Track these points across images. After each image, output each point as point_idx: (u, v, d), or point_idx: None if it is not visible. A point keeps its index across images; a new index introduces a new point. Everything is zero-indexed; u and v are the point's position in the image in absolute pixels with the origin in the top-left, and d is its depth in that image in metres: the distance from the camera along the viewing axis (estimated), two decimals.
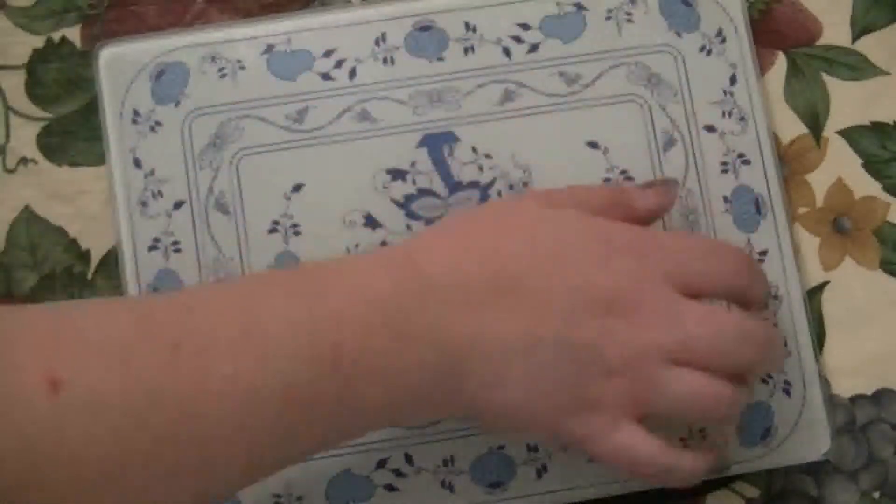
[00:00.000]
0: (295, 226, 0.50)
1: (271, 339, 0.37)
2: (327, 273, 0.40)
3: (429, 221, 0.51)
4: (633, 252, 0.41)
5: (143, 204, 0.50)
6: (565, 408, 0.40)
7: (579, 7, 0.53)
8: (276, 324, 0.37)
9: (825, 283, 0.54)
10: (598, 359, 0.40)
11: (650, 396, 0.40)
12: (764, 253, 0.51)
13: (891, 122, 0.55)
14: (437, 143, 0.51)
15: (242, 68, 0.51)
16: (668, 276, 0.41)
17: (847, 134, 0.55)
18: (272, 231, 0.50)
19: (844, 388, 0.53)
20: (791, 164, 0.54)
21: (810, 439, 0.50)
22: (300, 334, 0.37)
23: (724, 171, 0.52)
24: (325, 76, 0.52)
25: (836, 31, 0.55)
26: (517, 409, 0.40)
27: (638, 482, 0.49)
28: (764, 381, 0.51)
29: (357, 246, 0.50)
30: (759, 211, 0.52)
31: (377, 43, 0.52)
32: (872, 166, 0.54)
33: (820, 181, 0.54)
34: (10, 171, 0.52)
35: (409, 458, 0.49)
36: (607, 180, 0.51)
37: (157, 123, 0.51)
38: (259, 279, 0.44)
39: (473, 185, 0.51)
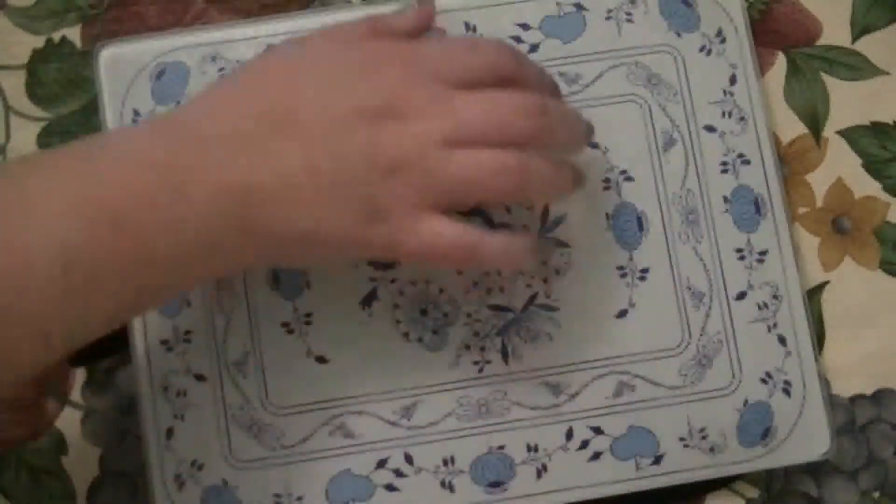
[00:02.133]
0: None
1: (41, 204, 0.37)
2: (101, 141, 0.42)
3: None
4: (398, 60, 0.43)
5: None
6: (361, 218, 0.41)
7: (579, 7, 0.53)
8: (46, 194, 0.38)
9: (825, 283, 0.54)
10: (377, 162, 0.41)
11: (437, 183, 0.41)
12: (764, 253, 0.51)
13: (891, 122, 0.55)
14: None
15: None
16: (435, 75, 0.42)
17: (847, 134, 0.55)
18: None
19: (844, 388, 0.53)
20: (791, 164, 0.54)
21: (810, 439, 0.50)
22: (69, 196, 0.38)
23: (724, 171, 0.52)
24: None
25: (835, 31, 0.55)
26: (316, 235, 0.41)
27: (638, 482, 0.50)
28: (763, 381, 0.51)
29: None
30: (759, 211, 0.52)
31: None
32: (872, 166, 0.54)
33: (820, 181, 0.54)
34: None
35: (409, 458, 0.49)
36: (607, 180, 0.51)
37: None
38: (34, 156, 0.46)
39: None
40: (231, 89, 0.43)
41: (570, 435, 0.50)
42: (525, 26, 0.52)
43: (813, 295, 0.53)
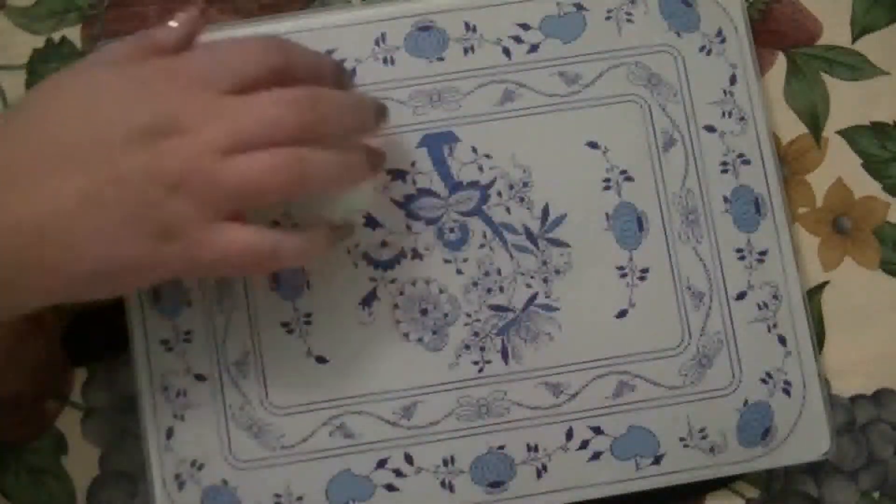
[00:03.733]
0: (295, 226, 0.50)
1: None
2: None
3: (429, 221, 0.51)
4: (165, 76, 0.42)
5: None
6: (152, 240, 0.40)
7: (579, 7, 0.53)
8: None
9: (825, 283, 0.54)
10: (158, 181, 0.40)
11: (220, 192, 0.41)
12: (764, 253, 0.51)
13: (891, 122, 0.55)
14: (437, 143, 0.51)
15: None
16: (205, 85, 0.42)
17: (847, 134, 0.55)
18: None
19: (844, 388, 0.53)
20: (791, 164, 0.54)
21: (810, 439, 0.50)
22: None
23: (724, 171, 0.52)
24: None
25: (836, 31, 0.55)
26: (108, 265, 0.40)
27: (637, 482, 0.50)
28: (763, 381, 0.51)
29: (357, 246, 0.50)
30: (759, 211, 0.52)
31: (377, 43, 0.52)
32: (872, 166, 0.54)
33: (820, 181, 0.54)
34: None
35: (409, 458, 0.49)
36: (607, 180, 0.51)
37: None
38: None
39: (473, 185, 0.51)
40: (2, 127, 0.42)
41: (570, 435, 0.50)
42: (525, 26, 0.52)
43: (813, 295, 0.53)
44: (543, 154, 0.51)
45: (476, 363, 0.50)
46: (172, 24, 0.45)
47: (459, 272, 0.51)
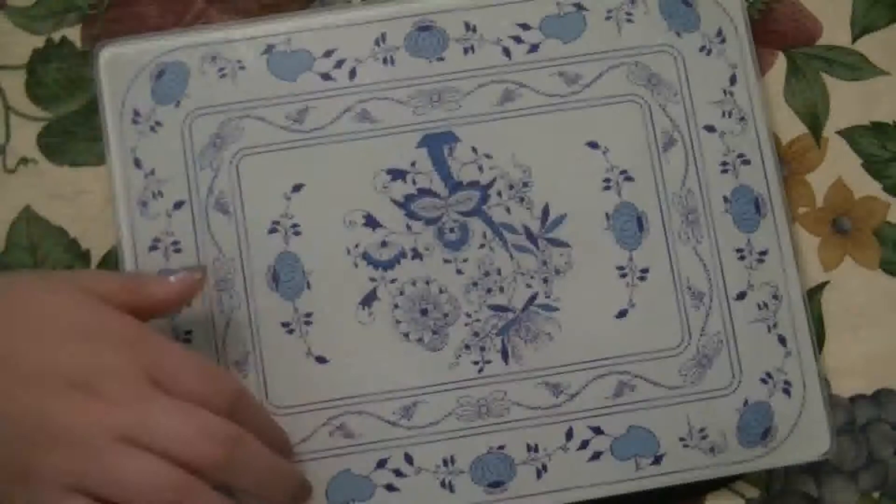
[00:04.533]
0: (295, 226, 0.50)
1: None
2: None
3: (429, 221, 0.51)
4: (113, 338, 0.41)
5: (144, 204, 0.50)
6: (10, 478, 0.40)
7: (579, 7, 0.53)
8: None
9: (825, 283, 0.54)
10: (44, 430, 0.39)
11: (96, 472, 0.39)
12: (764, 253, 0.51)
13: (891, 122, 0.55)
14: (437, 143, 0.51)
15: (242, 68, 0.51)
16: (148, 370, 0.41)
17: (847, 134, 0.55)
18: (272, 231, 0.50)
19: (844, 388, 0.53)
20: (791, 164, 0.54)
21: (810, 439, 0.50)
22: None
23: (724, 171, 0.52)
24: (325, 76, 0.52)
25: (836, 31, 0.55)
26: None
27: (638, 482, 0.50)
28: (763, 381, 0.51)
29: (357, 246, 0.50)
30: (759, 211, 0.52)
31: (377, 43, 0.52)
32: (872, 166, 0.54)
33: (820, 181, 0.54)
34: (10, 171, 0.52)
35: (409, 458, 0.49)
36: (607, 180, 0.51)
37: (158, 123, 0.51)
38: None
39: (473, 185, 0.51)
40: None
41: (570, 435, 0.50)
42: (525, 26, 0.52)
43: (813, 295, 0.53)
44: (543, 154, 0.51)
45: (476, 363, 0.50)
46: (171, 279, 0.44)
47: (459, 272, 0.51)
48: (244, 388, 0.45)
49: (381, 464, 0.49)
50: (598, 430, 0.50)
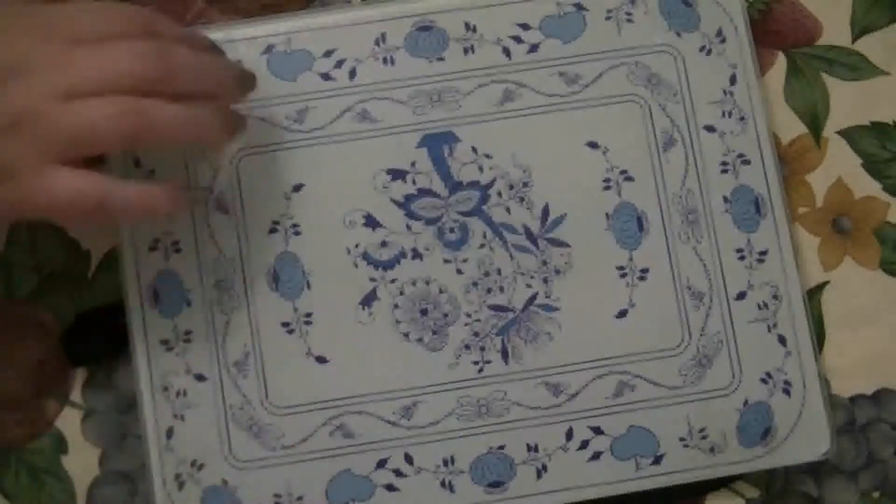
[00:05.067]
0: (295, 226, 0.50)
1: None
2: None
3: (429, 221, 0.51)
4: (23, 20, 0.42)
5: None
6: None
7: (579, 7, 0.53)
8: None
9: (825, 283, 0.54)
10: None
11: (57, 135, 0.40)
12: (764, 253, 0.51)
13: (891, 122, 0.55)
14: (437, 143, 0.51)
15: None
16: (60, 33, 0.42)
17: (847, 134, 0.55)
18: (272, 231, 0.50)
19: (844, 388, 0.53)
20: (791, 164, 0.54)
21: (810, 439, 0.50)
22: None
23: (724, 171, 0.52)
24: (325, 76, 0.52)
25: (836, 31, 0.55)
26: None
27: (638, 482, 0.50)
28: (763, 381, 0.51)
29: (357, 246, 0.50)
30: (759, 211, 0.52)
31: (377, 43, 0.52)
32: (872, 166, 0.54)
33: (820, 181, 0.54)
34: None
35: (409, 458, 0.49)
36: (607, 180, 0.51)
37: None
38: None
39: (473, 185, 0.51)
40: None
41: (570, 435, 0.50)
42: (525, 26, 0.52)
43: (813, 295, 0.53)
44: (543, 154, 0.51)
45: (476, 363, 0.50)
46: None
47: (459, 272, 0.51)
48: (153, 12, 0.45)
49: (381, 464, 0.49)
50: (598, 430, 0.50)
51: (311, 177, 0.51)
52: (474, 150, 0.51)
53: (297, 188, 0.51)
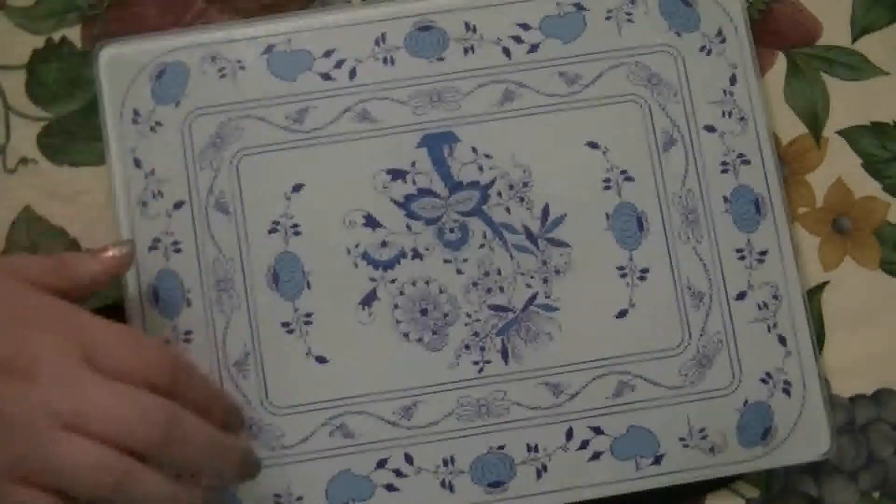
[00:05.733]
0: (295, 226, 0.50)
1: None
2: None
3: (429, 221, 0.51)
4: (45, 322, 0.41)
5: (143, 204, 0.50)
6: None
7: (579, 7, 0.53)
8: None
9: (825, 283, 0.54)
10: None
11: (37, 459, 0.39)
12: (764, 253, 0.51)
13: (891, 122, 0.55)
14: (437, 143, 0.51)
15: (242, 68, 0.51)
16: (81, 351, 0.40)
17: (847, 134, 0.55)
18: (272, 231, 0.50)
19: (844, 388, 0.53)
20: (791, 164, 0.54)
21: (810, 439, 0.50)
22: None
23: (724, 171, 0.52)
24: (325, 76, 0.52)
25: (835, 31, 0.55)
26: None
27: (638, 482, 0.50)
28: (763, 381, 0.51)
29: (357, 246, 0.50)
30: (759, 211, 0.52)
31: (377, 43, 0.52)
32: (872, 166, 0.54)
33: (820, 181, 0.54)
34: (10, 171, 0.52)
35: (409, 458, 0.49)
36: (607, 180, 0.51)
37: (158, 123, 0.51)
38: None
39: (473, 185, 0.51)
40: None
41: (570, 435, 0.50)
42: (525, 26, 0.52)
43: (813, 295, 0.53)
44: (543, 154, 0.51)
45: (476, 363, 0.50)
46: (93, 258, 0.44)
47: (459, 272, 0.51)
48: (183, 358, 0.45)
49: (381, 464, 0.49)
50: (598, 430, 0.50)
51: (311, 177, 0.51)
52: (474, 150, 0.51)
53: (297, 188, 0.51)
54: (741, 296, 0.51)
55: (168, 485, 0.41)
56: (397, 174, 0.51)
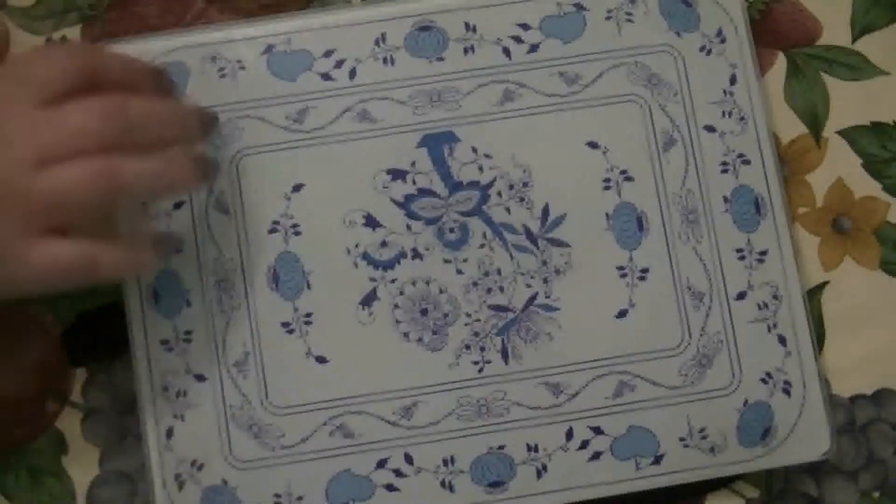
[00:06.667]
0: (295, 226, 0.50)
1: None
2: None
3: (429, 221, 0.51)
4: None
5: (143, 203, 0.50)
6: None
7: (579, 7, 0.53)
8: None
9: (825, 283, 0.54)
10: None
11: (35, 206, 0.40)
12: (764, 253, 0.51)
13: (891, 122, 0.55)
14: (437, 143, 0.51)
15: (242, 68, 0.51)
16: (12, 100, 0.41)
17: (847, 134, 0.55)
18: (272, 231, 0.50)
19: (844, 388, 0.53)
20: (791, 164, 0.54)
21: (810, 439, 0.50)
22: None
23: (724, 171, 0.52)
24: (325, 76, 0.52)
25: (836, 31, 0.55)
26: None
27: (638, 482, 0.50)
28: (763, 381, 0.51)
29: (357, 246, 0.50)
30: (759, 211, 0.52)
31: (377, 43, 0.52)
32: (872, 166, 0.54)
33: (820, 181, 0.54)
34: None
35: (409, 458, 0.49)
36: (607, 180, 0.51)
37: None
38: None
39: (473, 185, 0.51)
40: None
41: (570, 435, 0.50)
42: (525, 26, 0.52)
43: (813, 295, 0.53)
44: (543, 154, 0.51)
45: (476, 363, 0.50)
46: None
47: (459, 272, 0.51)
48: (88, 47, 0.45)
49: (381, 464, 0.49)
50: (598, 430, 0.50)
51: (311, 177, 0.51)
52: (474, 150, 0.51)
53: (297, 188, 0.51)
54: (741, 296, 0.51)
55: (154, 159, 0.42)
56: (397, 174, 0.51)
